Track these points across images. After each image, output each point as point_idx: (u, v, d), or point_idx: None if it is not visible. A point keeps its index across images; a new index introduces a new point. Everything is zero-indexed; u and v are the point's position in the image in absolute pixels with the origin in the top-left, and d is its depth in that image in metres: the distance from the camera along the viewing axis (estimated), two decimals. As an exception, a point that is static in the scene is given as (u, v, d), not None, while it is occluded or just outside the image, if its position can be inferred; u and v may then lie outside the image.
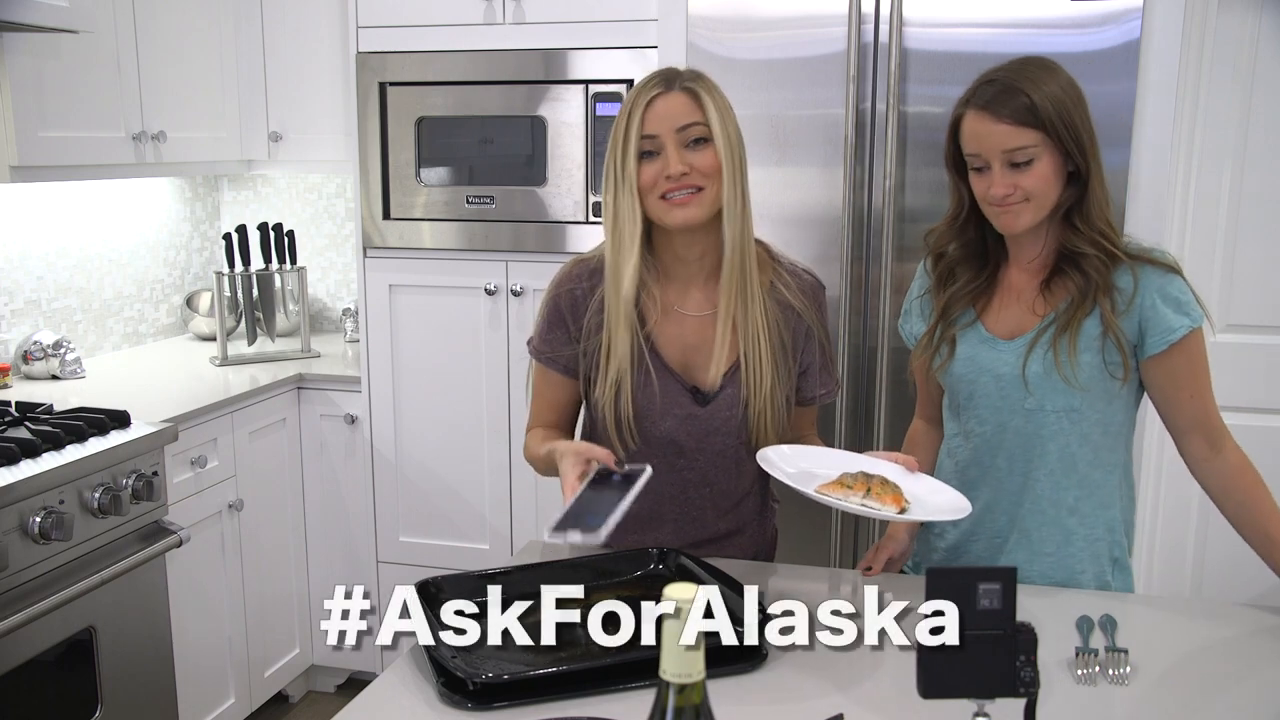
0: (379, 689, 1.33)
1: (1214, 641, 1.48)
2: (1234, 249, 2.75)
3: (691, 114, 1.52)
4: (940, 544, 1.73)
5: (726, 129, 1.53)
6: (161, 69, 2.87)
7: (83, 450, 2.19)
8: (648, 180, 1.52)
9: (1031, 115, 1.46)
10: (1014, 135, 1.47)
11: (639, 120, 1.52)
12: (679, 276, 1.62)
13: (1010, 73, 1.50)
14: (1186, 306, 1.53)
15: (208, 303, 3.40)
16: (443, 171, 2.87)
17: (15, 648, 2.02)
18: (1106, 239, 1.52)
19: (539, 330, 1.69)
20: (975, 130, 1.50)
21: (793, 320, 1.63)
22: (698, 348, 1.62)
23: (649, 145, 1.52)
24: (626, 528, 1.70)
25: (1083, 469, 1.60)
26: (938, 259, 1.66)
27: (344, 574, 3.09)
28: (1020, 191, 1.49)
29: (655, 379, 1.60)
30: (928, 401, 1.79)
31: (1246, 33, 2.66)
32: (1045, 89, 1.47)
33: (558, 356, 1.66)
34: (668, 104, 1.52)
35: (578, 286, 1.64)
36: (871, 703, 1.27)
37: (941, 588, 0.98)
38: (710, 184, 1.53)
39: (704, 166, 1.52)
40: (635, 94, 1.54)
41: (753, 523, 1.75)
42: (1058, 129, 1.47)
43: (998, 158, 1.49)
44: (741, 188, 1.55)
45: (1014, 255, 1.61)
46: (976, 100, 1.50)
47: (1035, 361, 1.55)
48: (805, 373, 1.66)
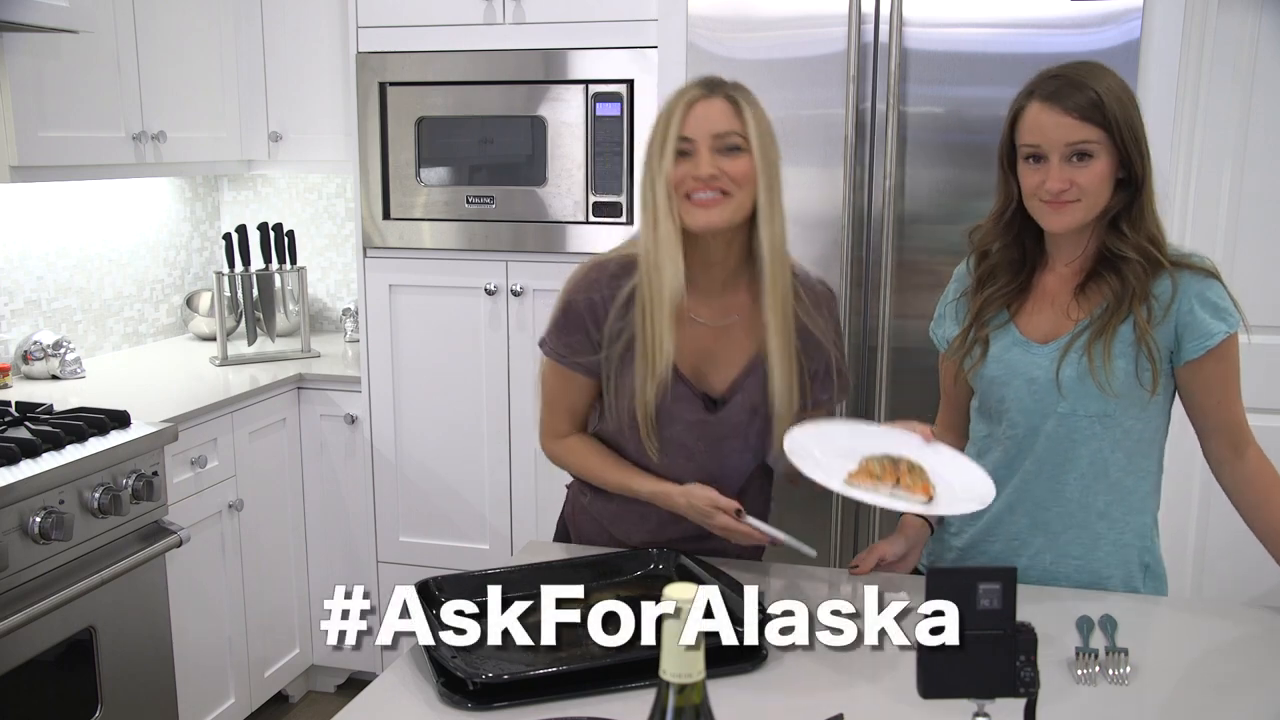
0: (379, 689, 1.33)
1: (1214, 641, 1.48)
2: (1234, 249, 2.75)
3: (730, 122, 1.54)
4: (955, 543, 1.72)
5: (763, 141, 1.54)
6: (161, 69, 2.87)
7: (83, 450, 2.19)
8: (677, 179, 1.54)
9: (1098, 111, 1.47)
10: (1078, 129, 1.47)
11: (679, 121, 1.53)
12: (696, 284, 1.61)
13: (1074, 70, 1.50)
14: (1224, 312, 1.52)
15: (208, 303, 3.40)
16: (443, 171, 2.87)
17: (15, 648, 2.01)
18: (1155, 244, 1.52)
19: (555, 333, 1.67)
20: (1039, 121, 1.50)
21: (803, 330, 1.63)
22: (708, 357, 1.63)
23: (685, 146, 1.54)
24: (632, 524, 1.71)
25: (1114, 474, 1.59)
26: (981, 258, 1.65)
27: (344, 574, 3.09)
28: (1075, 189, 1.49)
29: (670, 387, 1.60)
30: (952, 407, 1.78)
31: (1246, 33, 2.66)
32: (1109, 88, 1.48)
33: (580, 360, 1.65)
34: (708, 108, 1.54)
35: (596, 293, 1.63)
36: (871, 703, 1.27)
37: (941, 588, 0.98)
38: (738, 191, 1.53)
39: (735, 173, 1.53)
40: (678, 95, 1.56)
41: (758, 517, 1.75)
42: (1120, 129, 1.47)
43: (1058, 150, 1.48)
44: (779, 196, 1.56)
45: (1052, 258, 1.61)
46: (1041, 91, 1.50)
47: (1070, 366, 1.54)
48: (813, 378, 1.66)
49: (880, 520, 2.54)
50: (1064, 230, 1.54)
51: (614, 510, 1.74)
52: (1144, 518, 1.63)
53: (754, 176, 1.53)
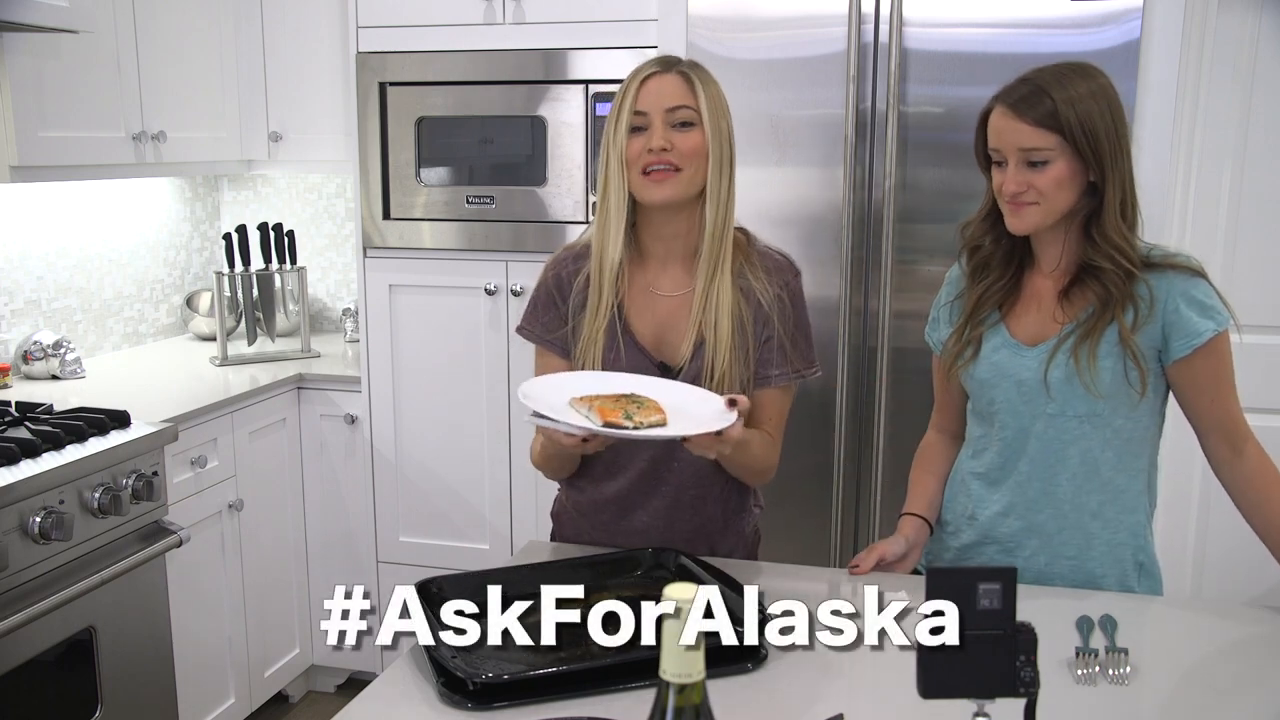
0: (379, 689, 1.33)
1: (1214, 641, 1.48)
2: (1234, 249, 2.75)
3: (683, 97, 1.58)
4: (953, 544, 1.72)
5: (716, 118, 1.59)
6: (161, 69, 2.87)
7: (83, 450, 2.19)
8: (633, 153, 1.59)
9: (1052, 119, 1.48)
10: (1030, 135, 1.49)
11: (633, 96, 1.58)
12: (656, 255, 1.67)
13: (1045, 75, 1.51)
14: (1212, 310, 1.52)
15: (208, 303, 3.40)
16: (443, 171, 2.87)
17: (15, 648, 2.01)
18: (1122, 254, 1.52)
19: (530, 314, 1.73)
20: (998, 126, 1.53)
21: (754, 302, 1.64)
22: (670, 326, 1.66)
23: (639, 121, 1.58)
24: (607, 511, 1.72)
25: (1106, 474, 1.59)
26: (973, 252, 1.66)
27: (344, 574, 3.09)
28: (1032, 191, 1.50)
29: (624, 353, 1.64)
30: (947, 411, 1.78)
31: (1246, 33, 2.66)
32: (1074, 96, 1.48)
33: (555, 338, 1.70)
34: (661, 83, 1.59)
35: (563, 269, 1.70)
36: (871, 703, 1.27)
37: (941, 588, 0.98)
38: (689, 166, 1.58)
39: (685, 148, 1.57)
40: (635, 72, 1.61)
41: (732, 515, 1.75)
42: (1076, 136, 1.48)
43: (1014, 155, 1.51)
44: (728, 175, 1.61)
45: (1038, 260, 1.62)
46: (1005, 97, 1.53)
47: (1057, 368, 1.55)
48: (762, 354, 1.65)
49: (880, 520, 2.54)
50: (1024, 231, 1.55)
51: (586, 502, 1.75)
52: (1137, 517, 1.63)
53: (705, 152, 1.58)
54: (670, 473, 1.68)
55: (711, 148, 1.58)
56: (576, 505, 1.78)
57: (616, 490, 1.71)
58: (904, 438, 2.47)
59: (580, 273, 1.67)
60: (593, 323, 1.64)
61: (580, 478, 1.75)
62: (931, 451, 1.80)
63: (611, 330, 1.64)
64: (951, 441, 1.78)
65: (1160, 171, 2.33)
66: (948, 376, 1.71)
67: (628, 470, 1.69)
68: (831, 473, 2.56)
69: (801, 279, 1.70)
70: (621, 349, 1.64)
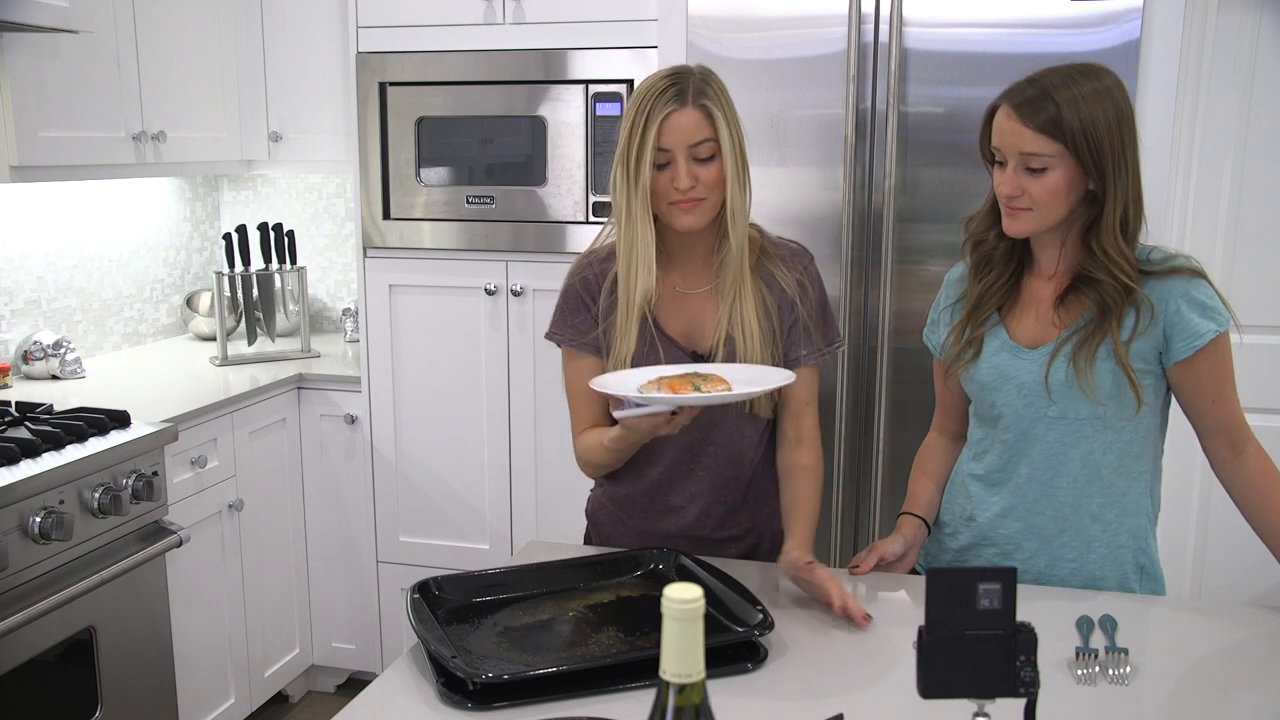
0: (379, 689, 1.33)
1: (1214, 641, 1.48)
2: (1234, 249, 2.75)
3: (704, 131, 1.60)
4: (952, 545, 1.72)
5: (734, 139, 1.61)
6: (161, 69, 2.87)
7: (83, 450, 2.19)
8: (659, 189, 1.61)
9: (1055, 126, 1.46)
10: (1032, 141, 1.48)
11: (655, 133, 1.58)
12: (681, 259, 1.71)
13: (1053, 79, 1.49)
14: (1213, 311, 1.52)
15: (208, 303, 3.40)
16: (443, 171, 2.87)
17: (15, 648, 2.02)
18: (1119, 268, 1.50)
19: (559, 319, 1.76)
20: (1001, 126, 1.52)
21: (776, 290, 1.70)
22: (699, 321, 1.71)
23: (662, 158, 1.60)
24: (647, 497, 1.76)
25: (1107, 477, 1.59)
26: (976, 245, 1.65)
27: (344, 574, 3.10)
28: (1026, 197, 1.50)
29: (661, 350, 1.68)
30: (948, 412, 1.78)
31: (1246, 33, 2.66)
32: (1080, 103, 1.46)
33: (587, 341, 1.72)
34: (681, 119, 1.59)
35: (589, 272, 1.73)
36: (871, 703, 1.27)
37: (941, 588, 0.98)
38: (713, 194, 1.62)
39: (710, 180, 1.61)
40: (650, 103, 1.59)
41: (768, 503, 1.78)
42: (1078, 145, 1.46)
43: (1014, 157, 1.50)
44: (747, 186, 1.66)
45: (1036, 261, 1.61)
46: (1010, 98, 1.51)
47: (1058, 371, 1.55)
48: (790, 336, 1.71)
49: (881, 520, 2.54)
50: (1018, 235, 1.55)
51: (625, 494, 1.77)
52: (1139, 520, 1.63)
53: (726, 178, 1.61)
54: (705, 455, 1.73)
55: (730, 168, 1.60)
56: (613, 497, 1.80)
57: (656, 476, 1.75)
58: (904, 438, 2.47)
59: (607, 275, 1.71)
60: (625, 325, 1.67)
61: (622, 469, 1.78)
62: (931, 452, 1.80)
63: (644, 331, 1.68)
64: (952, 443, 1.78)
65: (1160, 171, 2.33)
66: (947, 378, 1.72)
67: (665, 457, 1.73)
68: (832, 472, 2.56)
69: (815, 261, 1.77)
70: (658, 346, 1.68)
